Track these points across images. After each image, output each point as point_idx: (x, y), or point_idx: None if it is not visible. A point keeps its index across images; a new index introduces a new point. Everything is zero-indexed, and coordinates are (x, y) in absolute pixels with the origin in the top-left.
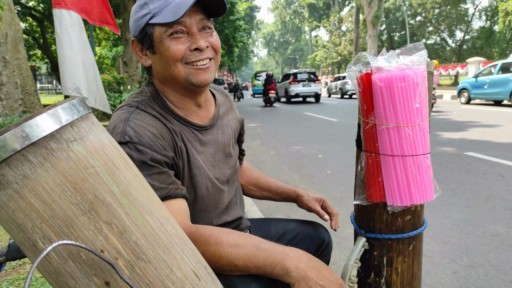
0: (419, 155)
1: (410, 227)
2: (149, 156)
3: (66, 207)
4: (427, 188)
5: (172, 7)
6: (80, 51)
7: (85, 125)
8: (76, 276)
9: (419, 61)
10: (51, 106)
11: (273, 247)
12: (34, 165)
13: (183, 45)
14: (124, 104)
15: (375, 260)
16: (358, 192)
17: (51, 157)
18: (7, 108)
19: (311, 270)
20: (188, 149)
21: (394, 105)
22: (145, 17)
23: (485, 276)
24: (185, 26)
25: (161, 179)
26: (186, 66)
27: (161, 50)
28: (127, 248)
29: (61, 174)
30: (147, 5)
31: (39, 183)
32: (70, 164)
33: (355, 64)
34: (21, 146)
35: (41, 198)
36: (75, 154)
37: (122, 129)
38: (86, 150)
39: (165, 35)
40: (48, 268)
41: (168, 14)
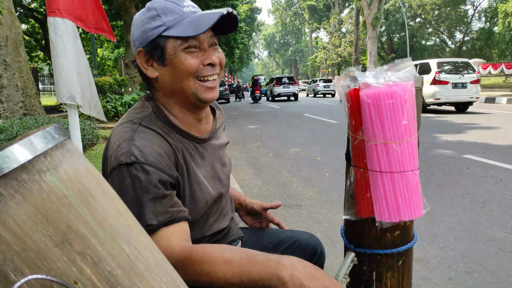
0: (407, 172)
1: (399, 242)
2: (156, 176)
3: (38, 239)
4: (416, 204)
5: (191, 22)
6: (75, 59)
7: (60, 154)
8: None
9: (407, 78)
10: (24, 136)
11: (267, 259)
12: (4, 197)
13: (197, 59)
14: (126, 121)
15: (364, 275)
16: (347, 207)
17: (22, 189)
18: (7, 110)
19: (307, 278)
20: (189, 165)
21: (381, 121)
22: (158, 28)
23: (481, 283)
24: (198, 41)
25: (164, 203)
26: (196, 81)
27: (175, 63)
28: (101, 278)
29: (33, 206)
30: (160, 17)
31: (9, 216)
32: (42, 195)
33: (344, 80)
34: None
35: (11, 230)
36: (47, 185)
37: (128, 149)
38: (60, 180)
39: (179, 49)
40: None
41: (187, 28)
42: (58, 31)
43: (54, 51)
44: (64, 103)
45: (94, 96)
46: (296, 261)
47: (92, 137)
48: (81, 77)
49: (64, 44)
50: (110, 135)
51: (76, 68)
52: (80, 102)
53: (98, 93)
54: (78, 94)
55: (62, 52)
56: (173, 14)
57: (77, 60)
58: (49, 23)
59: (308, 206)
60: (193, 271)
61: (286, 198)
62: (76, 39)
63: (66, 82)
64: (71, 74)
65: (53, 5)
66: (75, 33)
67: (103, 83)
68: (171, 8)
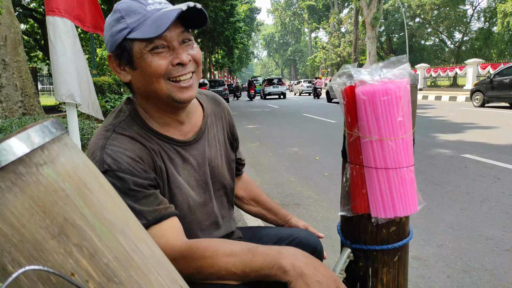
0: (402, 168)
1: (395, 238)
2: (131, 181)
3: (35, 231)
4: (411, 200)
5: (153, 22)
6: (73, 58)
7: (57, 148)
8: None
9: (402, 75)
10: (22, 129)
11: (268, 249)
12: (1, 190)
13: (165, 60)
14: (102, 128)
15: (360, 271)
16: (344, 203)
17: (20, 182)
18: (6, 110)
19: (307, 267)
20: (168, 168)
21: (377, 118)
22: (122, 31)
23: (479, 281)
24: (165, 40)
25: (149, 202)
26: (168, 82)
27: (142, 66)
28: (98, 270)
29: (30, 198)
30: (124, 19)
31: (7, 208)
32: (39, 188)
33: (340, 77)
34: None
35: (9, 222)
36: (44, 178)
37: (100, 158)
38: (57, 173)
39: (145, 50)
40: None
41: (148, 29)
42: (57, 30)
43: (53, 50)
44: (63, 102)
45: (92, 95)
46: (296, 251)
47: (91, 137)
48: (80, 76)
49: (63, 43)
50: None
51: (75, 67)
52: (79, 101)
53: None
54: (77, 93)
55: (61, 51)
56: (136, 14)
57: (76, 59)
58: (48, 22)
59: (306, 205)
60: (195, 264)
61: (285, 197)
62: (75, 39)
63: (65, 81)
64: (70, 73)
65: (53, 4)
66: (74, 32)
67: (102, 83)
68: (134, 8)
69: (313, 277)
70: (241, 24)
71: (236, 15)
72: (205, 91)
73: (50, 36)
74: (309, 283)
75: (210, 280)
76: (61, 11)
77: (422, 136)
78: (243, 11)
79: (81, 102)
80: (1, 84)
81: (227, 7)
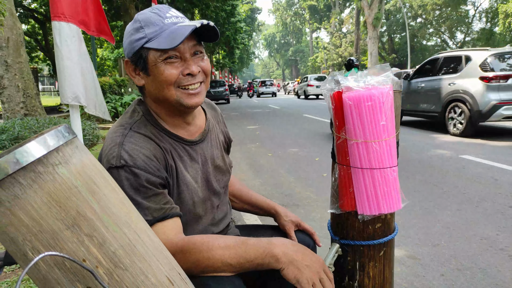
0: (386, 168)
1: (381, 234)
2: (144, 178)
3: (52, 222)
4: (394, 198)
5: (168, 34)
6: (79, 62)
7: (69, 150)
8: (61, 282)
9: (385, 82)
10: (39, 134)
11: (259, 240)
12: (23, 186)
13: (177, 69)
14: (118, 126)
15: (348, 265)
16: (333, 201)
17: (39, 179)
18: (8, 111)
19: (296, 253)
20: (178, 166)
21: (362, 122)
22: (140, 40)
23: (472, 279)
24: (179, 52)
25: (157, 200)
26: (178, 89)
27: (155, 73)
28: (106, 257)
29: (48, 194)
30: (143, 29)
31: (28, 202)
32: (55, 185)
33: (329, 83)
34: (13, 170)
35: (30, 215)
36: (59, 176)
37: (117, 153)
38: (70, 172)
39: (159, 60)
40: (37, 275)
41: (164, 41)
42: (63, 35)
43: (58, 54)
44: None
45: (99, 97)
46: (285, 241)
47: (92, 137)
48: (85, 78)
49: (69, 47)
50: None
51: (80, 70)
52: (84, 103)
53: None
54: (82, 95)
55: (67, 55)
56: (154, 26)
57: (82, 62)
58: (54, 27)
59: (305, 206)
60: (193, 258)
61: (284, 197)
62: (81, 42)
63: (71, 84)
64: (75, 76)
65: (58, 10)
66: (79, 36)
67: (103, 84)
68: (153, 20)
69: (303, 262)
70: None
71: (237, 15)
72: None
73: (56, 41)
74: (300, 267)
75: (207, 273)
76: (66, 17)
77: (422, 137)
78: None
79: (87, 104)
80: (3, 85)
81: (228, 7)
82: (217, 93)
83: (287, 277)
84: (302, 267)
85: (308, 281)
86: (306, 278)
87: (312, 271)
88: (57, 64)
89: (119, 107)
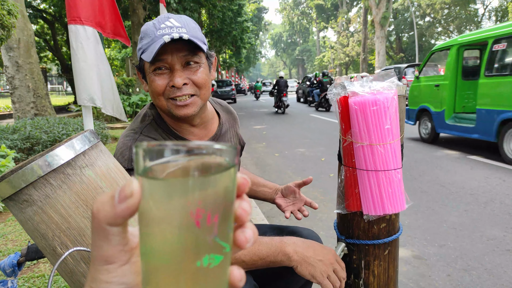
0: (391, 170)
1: (385, 233)
2: None
3: (80, 220)
4: (399, 200)
5: (152, 47)
6: (95, 63)
7: (95, 153)
8: (87, 276)
9: (389, 87)
10: (68, 139)
11: (272, 239)
12: (54, 187)
13: (164, 81)
14: (129, 130)
15: (354, 263)
16: (339, 201)
17: (68, 181)
18: (19, 111)
19: (308, 250)
20: None
21: (367, 125)
22: (139, 51)
23: (477, 279)
24: (166, 63)
25: None
26: (168, 100)
27: (149, 83)
28: None
29: (76, 194)
30: (142, 40)
31: (58, 201)
32: (82, 186)
33: (336, 88)
34: (44, 172)
35: (59, 213)
36: (86, 178)
37: (128, 156)
38: (96, 174)
39: (149, 70)
40: (65, 269)
41: (148, 54)
42: (78, 38)
43: (74, 57)
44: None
45: (116, 98)
46: (295, 239)
47: (101, 137)
48: (103, 79)
49: (84, 50)
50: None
51: (96, 72)
52: (100, 105)
53: None
54: (98, 97)
55: (82, 57)
56: (148, 37)
57: (98, 64)
58: (70, 31)
59: None
60: None
61: None
62: (98, 44)
63: (86, 86)
64: (91, 78)
65: (74, 13)
66: (96, 38)
67: None
68: (149, 31)
69: (315, 257)
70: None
71: (244, 14)
72: (220, 101)
73: (72, 44)
74: (312, 263)
75: None
76: (82, 20)
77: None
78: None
79: (103, 105)
80: (14, 86)
81: (235, 6)
82: (223, 93)
83: (302, 274)
84: (314, 262)
85: (323, 274)
86: (320, 271)
87: (325, 264)
88: (74, 67)
89: (126, 106)
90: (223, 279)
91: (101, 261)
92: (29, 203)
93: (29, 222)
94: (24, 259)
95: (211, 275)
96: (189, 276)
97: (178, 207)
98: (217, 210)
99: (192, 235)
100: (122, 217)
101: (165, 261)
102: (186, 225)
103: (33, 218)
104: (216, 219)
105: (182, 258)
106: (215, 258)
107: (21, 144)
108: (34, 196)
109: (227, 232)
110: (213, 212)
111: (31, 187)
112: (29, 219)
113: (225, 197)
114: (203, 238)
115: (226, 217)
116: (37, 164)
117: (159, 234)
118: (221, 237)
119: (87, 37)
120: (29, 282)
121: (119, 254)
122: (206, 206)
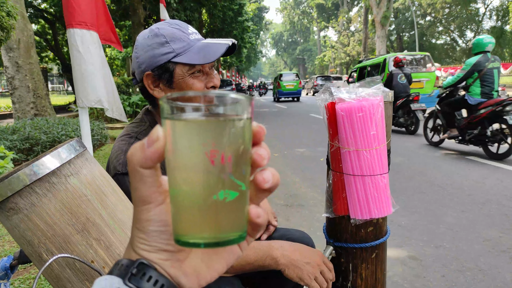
0: (376, 175)
1: (373, 237)
2: None
3: (64, 227)
4: (385, 204)
5: (199, 50)
6: (100, 67)
7: (80, 162)
8: (72, 281)
9: (375, 93)
10: (54, 148)
11: (259, 243)
12: (39, 195)
13: (202, 83)
14: (124, 134)
15: (342, 266)
16: (327, 205)
17: (53, 189)
18: (19, 111)
19: (294, 253)
20: None
21: (353, 131)
22: (167, 55)
23: (472, 280)
24: (202, 67)
25: None
26: None
27: (182, 87)
28: (112, 259)
29: (60, 202)
30: (169, 44)
31: (43, 209)
32: (67, 194)
33: (323, 93)
34: (30, 181)
35: (45, 220)
36: (71, 186)
37: (123, 161)
38: (80, 182)
39: (187, 74)
40: (51, 274)
41: (195, 56)
42: (85, 42)
43: (81, 59)
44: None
45: (116, 100)
46: (282, 243)
47: (100, 137)
48: (106, 82)
49: (91, 53)
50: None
51: (102, 75)
52: (107, 106)
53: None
54: (105, 98)
55: (90, 60)
56: (181, 41)
57: (102, 68)
58: (76, 34)
59: (310, 206)
60: None
61: (289, 197)
62: (100, 49)
63: (94, 88)
64: (98, 80)
65: (80, 18)
66: (99, 43)
67: None
68: (178, 36)
69: (302, 260)
70: (250, 23)
71: (245, 14)
72: None
73: (79, 47)
74: (299, 266)
75: None
76: (87, 25)
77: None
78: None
79: (109, 107)
80: (14, 86)
81: (235, 6)
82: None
83: (289, 277)
84: (301, 265)
85: (310, 276)
86: (307, 274)
87: (313, 266)
88: (78, 70)
89: (126, 106)
90: (240, 214)
91: (140, 202)
92: (15, 211)
93: (16, 230)
94: (17, 262)
95: (227, 208)
96: (207, 208)
97: (195, 147)
98: (230, 151)
99: (207, 172)
100: (151, 160)
101: (186, 197)
102: (202, 163)
103: (19, 225)
104: (230, 159)
105: (200, 193)
106: (230, 194)
107: (20, 144)
108: (20, 204)
109: (242, 172)
110: (226, 153)
111: (17, 196)
112: (16, 227)
113: (238, 140)
114: (217, 175)
115: (240, 159)
116: (23, 173)
117: (180, 172)
118: (236, 176)
119: (93, 41)
120: (25, 283)
121: (154, 195)
122: (220, 147)
